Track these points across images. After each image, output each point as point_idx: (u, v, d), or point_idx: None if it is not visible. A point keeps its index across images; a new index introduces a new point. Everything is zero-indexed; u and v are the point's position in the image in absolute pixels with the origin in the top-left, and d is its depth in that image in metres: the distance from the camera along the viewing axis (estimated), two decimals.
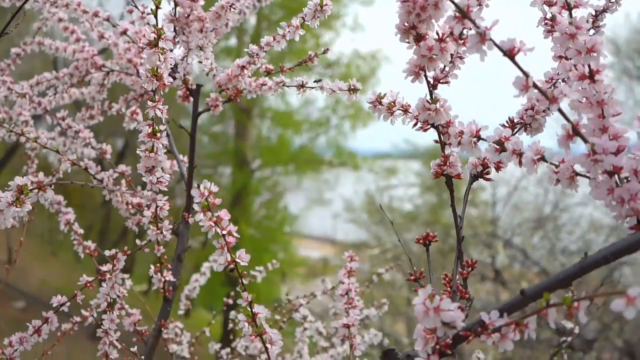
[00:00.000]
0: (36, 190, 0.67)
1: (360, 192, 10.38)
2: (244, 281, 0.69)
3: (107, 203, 1.19)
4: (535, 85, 0.53)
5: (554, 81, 0.73)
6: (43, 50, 1.36)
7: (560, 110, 0.54)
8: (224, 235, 0.66)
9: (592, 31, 0.75)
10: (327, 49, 1.04)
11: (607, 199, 0.54)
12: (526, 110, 0.72)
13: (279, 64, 1.05)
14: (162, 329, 1.03)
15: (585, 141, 0.53)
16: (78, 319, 1.14)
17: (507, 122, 0.73)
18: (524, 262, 6.43)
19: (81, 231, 1.14)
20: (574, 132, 0.54)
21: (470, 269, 0.66)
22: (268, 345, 0.68)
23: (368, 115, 11.35)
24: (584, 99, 0.57)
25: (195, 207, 0.65)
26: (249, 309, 0.68)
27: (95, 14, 1.12)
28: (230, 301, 1.60)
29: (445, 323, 0.53)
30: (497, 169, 0.71)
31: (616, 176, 0.55)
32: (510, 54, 0.53)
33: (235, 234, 0.66)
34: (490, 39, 0.53)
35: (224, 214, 0.66)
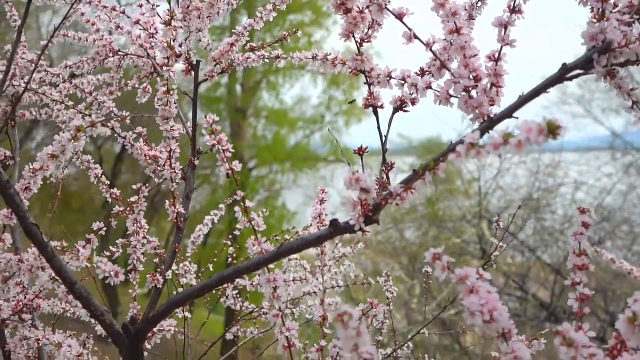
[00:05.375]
0: (90, 127, 0.97)
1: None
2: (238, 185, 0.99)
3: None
4: (415, 36, 0.83)
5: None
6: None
7: (432, 51, 0.84)
8: (223, 151, 0.95)
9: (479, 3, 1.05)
10: (297, 29, 1.34)
11: (464, 107, 0.83)
12: (432, 61, 1.02)
13: (268, 50, 1.35)
14: (176, 250, 1.33)
15: (449, 70, 0.83)
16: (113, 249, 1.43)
17: (419, 69, 1.03)
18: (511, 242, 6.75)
19: (108, 182, 1.43)
20: (442, 65, 0.84)
21: (390, 167, 0.96)
22: (256, 228, 0.98)
23: (361, 111, 11.65)
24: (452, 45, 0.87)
25: (203, 131, 0.95)
26: (242, 204, 0.98)
27: (113, 8, 1.42)
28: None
29: (363, 189, 0.82)
30: (412, 103, 1.01)
31: (474, 93, 0.85)
32: (400, 17, 0.83)
33: (231, 150, 0.96)
34: (386, 8, 0.83)
35: (223, 137, 0.96)
